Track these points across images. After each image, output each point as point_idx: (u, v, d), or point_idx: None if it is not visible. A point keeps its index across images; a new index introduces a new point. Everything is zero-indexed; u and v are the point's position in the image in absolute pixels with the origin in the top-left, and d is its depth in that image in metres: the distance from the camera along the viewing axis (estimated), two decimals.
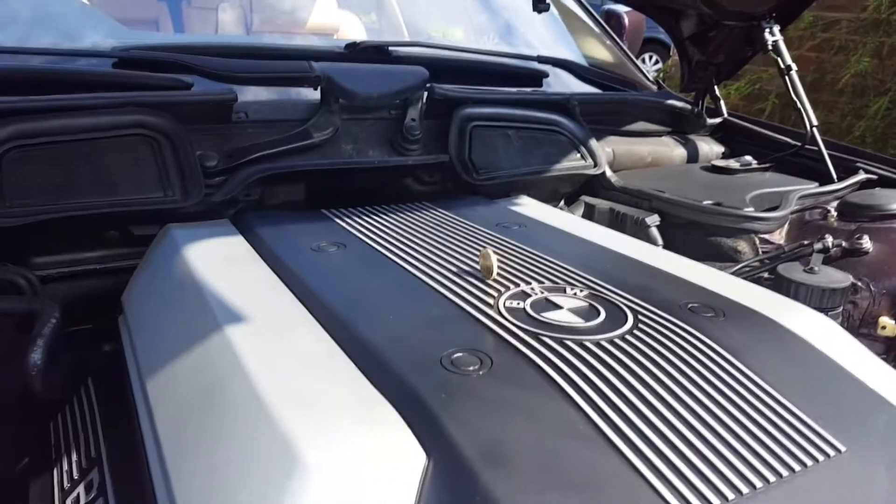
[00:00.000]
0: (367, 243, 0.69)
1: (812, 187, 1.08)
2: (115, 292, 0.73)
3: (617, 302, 0.56)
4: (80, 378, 0.68)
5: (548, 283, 0.59)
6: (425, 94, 0.97)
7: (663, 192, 1.01)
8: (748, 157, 1.24)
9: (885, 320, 0.81)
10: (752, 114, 2.84)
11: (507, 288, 0.58)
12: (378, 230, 0.74)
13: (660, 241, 0.97)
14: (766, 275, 0.89)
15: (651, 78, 1.51)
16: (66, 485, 0.57)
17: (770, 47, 1.20)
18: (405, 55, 1.08)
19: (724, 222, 0.95)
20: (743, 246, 0.94)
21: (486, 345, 0.48)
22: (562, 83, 1.26)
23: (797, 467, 0.39)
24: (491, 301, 0.55)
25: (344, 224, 0.76)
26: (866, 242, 0.84)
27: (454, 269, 0.62)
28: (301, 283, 0.60)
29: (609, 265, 0.66)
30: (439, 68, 1.03)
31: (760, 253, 0.93)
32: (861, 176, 1.11)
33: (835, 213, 0.94)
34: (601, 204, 1.04)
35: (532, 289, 0.58)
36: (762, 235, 0.95)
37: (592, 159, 1.06)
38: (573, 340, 0.49)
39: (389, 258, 0.66)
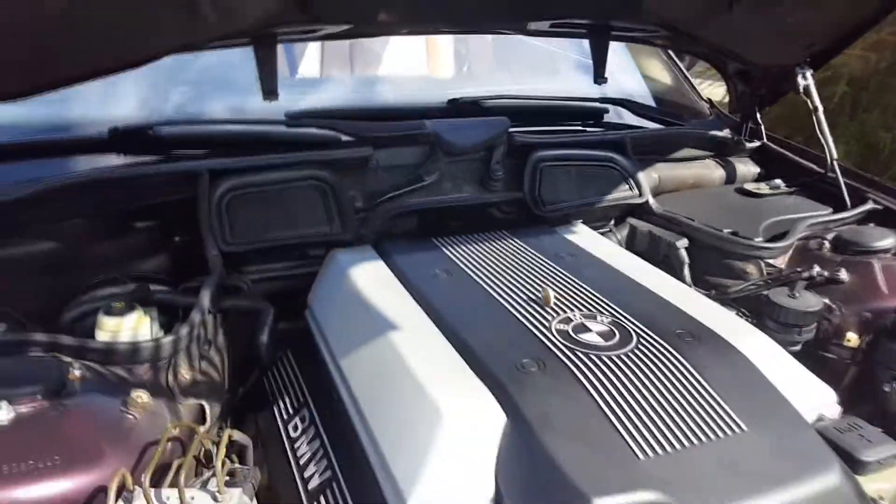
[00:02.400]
0: (465, 271, 1.03)
1: (824, 214, 1.33)
2: (296, 291, 1.10)
3: (628, 327, 0.88)
4: (283, 348, 1.06)
5: (585, 311, 0.92)
6: (506, 139, 1.28)
7: (692, 219, 1.29)
8: (778, 181, 1.49)
9: (850, 335, 1.08)
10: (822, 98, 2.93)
11: (558, 314, 0.91)
12: (473, 258, 1.07)
13: (687, 259, 1.26)
14: (765, 293, 1.17)
15: (705, 98, 1.75)
16: (285, 416, 0.95)
17: (801, 90, 1.43)
18: (493, 106, 1.39)
19: (737, 249, 1.23)
20: (751, 268, 1.22)
21: (542, 355, 0.82)
22: (620, 116, 1.53)
23: (713, 437, 0.71)
24: (547, 324, 0.88)
25: (449, 253, 1.10)
26: (843, 273, 1.10)
27: (525, 295, 0.96)
28: (427, 301, 0.94)
29: (629, 295, 0.97)
30: (519, 113, 1.34)
31: (765, 274, 1.21)
32: (868, 206, 1.35)
33: (828, 246, 1.20)
34: (642, 226, 1.33)
35: (574, 315, 0.90)
36: (767, 260, 1.22)
37: (639, 190, 1.35)
38: (595, 354, 0.82)
39: (482, 284, 0.99)
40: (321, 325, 0.99)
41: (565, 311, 0.91)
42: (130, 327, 0.86)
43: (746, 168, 1.58)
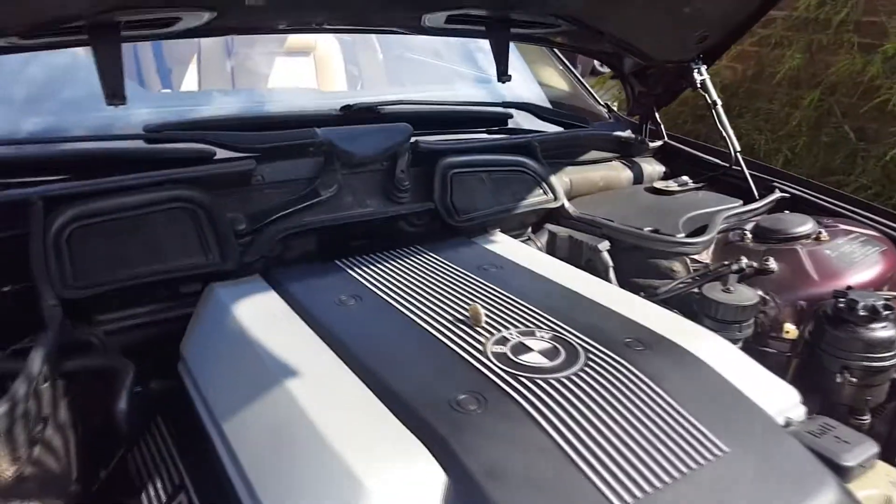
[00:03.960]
0: (378, 294, 0.87)
1: (736, 205, 1.30)
2: (165, 338, 0.89)
3: (572, 341, 0.75)
4: (151, 416, 0.85)
5: (521, 328, 0.78)
6: (410, 147, 1.15)
7: (612, 220, 1.21)
8: (685, 178, 1.45)
9: (788, 326, 1.03)
10: (699, 107, 3.06)
11: (492, 333, 0.77)
12: (384, 280, 0.92)
13: (610, 262, 1.17)
14: (696, 290, 1.09)
15: (602, 103, 1.71)
16: None
17: (699, 85, 1.40)
18: (391, 112, 1.24)
19: (660, 247, 1.16)
20: (677, 266, 1.15)
21: (480, 387, 0.67)
22: (524, 122, 1.44)
23: (694, 465, 0.59)
24: (480, 347, 0.74)
25: (356, 275, 0.93)
26: (772, 263, 1.05)
27: (449, 315, 0.81)
28: (333, 335, 0.77)
29: (566, 305, 0.85)
30: (420, 120, 1.21)
31: (691, 271, 1.14)
32: (777, 195, 1.33)
33: (750, 236, 1.15)
34: (561, 232, 1.23)
35: (511, 334, 0.77)
36: (692, 256, 1.15)
37: (553, 194, 1.25)
38: (541, 379, 0.68)
39: (397, 308, 0.84)
40: (198, 381, 0.80)
41: (499, 330, 0.78)
42: None
43: (652, 168, 1.54)
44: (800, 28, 2.95)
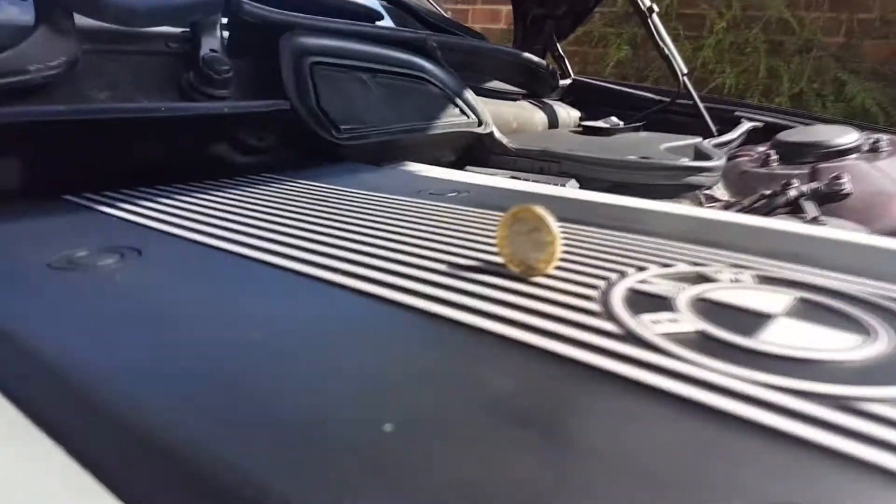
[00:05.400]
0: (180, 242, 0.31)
1: (710, 139, 0.93)
2: None
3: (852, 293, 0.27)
4: None
5: (661, 268, 0.28)
6: (231, 10, 0.59)
7: (574, 151, 0.76)
8: (614, 118, 1.06)
9: None
10: None
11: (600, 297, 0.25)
12: (201, 215, 0.36)
13: None
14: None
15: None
16: None
17: None
18: None
19: (659, 179, 0.73)
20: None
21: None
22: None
23: None
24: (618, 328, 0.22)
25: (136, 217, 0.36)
26: (847, 183, 0.67)
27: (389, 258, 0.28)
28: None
29: (715, 231, 0.37)
30: None
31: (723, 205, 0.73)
32: (747, 125, 0.99)
33: (776, 157, 0.77)
34: (498, 174, 0.75)
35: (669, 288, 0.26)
36: (707, 192, 0.74)
37: (475, 115, 0.77)
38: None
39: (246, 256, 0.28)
40: None
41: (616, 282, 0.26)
42: None
43: (566, 112, 1.13)
44: (621, 22, 2.88)
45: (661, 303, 0.26)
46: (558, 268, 0.29)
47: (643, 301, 0.26)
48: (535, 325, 0.24)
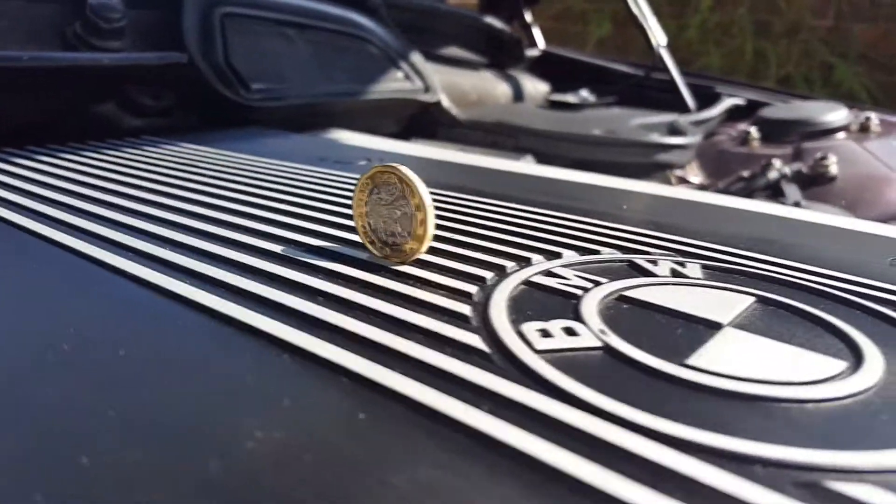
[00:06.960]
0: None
1: (691, 117, 0.85)
2: None
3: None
4: None
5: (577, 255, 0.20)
6: None
7: (531, 124, 0.68)
8: (584, 93, 0.98)
9: None
10: None
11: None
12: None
13: None
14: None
15: None
16: None
17: None
18: None
19: (625, 156, 0.65)
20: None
21: None
22: None
23: None
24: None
25: None
26: (832, 164, 0.59)
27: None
28: None
29: (670, 211, 0.30)
30: None
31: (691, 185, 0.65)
32: (730, 101, 0.91)
33: (757, 135, 0.69)
34: (445, 148, 0.67)
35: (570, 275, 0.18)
36: (679, 172, 0.67)
37: (421, 81, 0.69)
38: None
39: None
40: None
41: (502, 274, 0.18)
42: None
43: (533, 84, 1.05)
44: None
45: (561, 304, 0.18)
46: (437, 252, 0.21)
47: (538, 302, 0.18)
48: (364, 334, 0.16)
